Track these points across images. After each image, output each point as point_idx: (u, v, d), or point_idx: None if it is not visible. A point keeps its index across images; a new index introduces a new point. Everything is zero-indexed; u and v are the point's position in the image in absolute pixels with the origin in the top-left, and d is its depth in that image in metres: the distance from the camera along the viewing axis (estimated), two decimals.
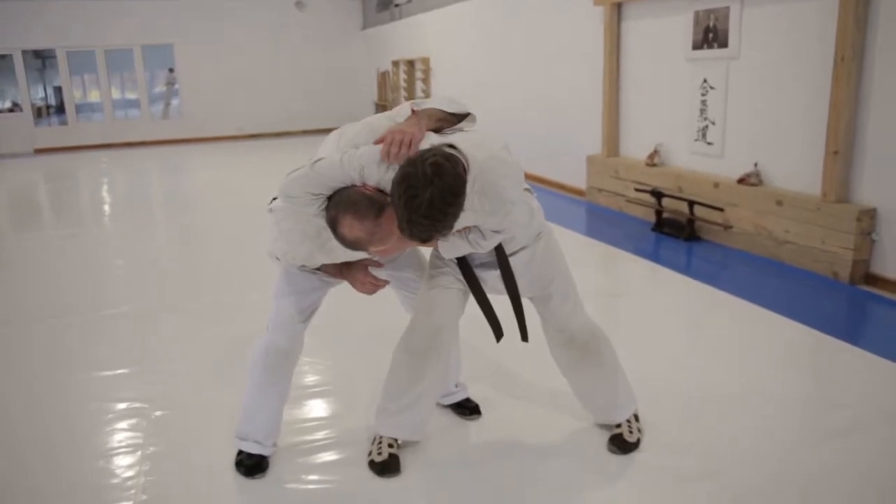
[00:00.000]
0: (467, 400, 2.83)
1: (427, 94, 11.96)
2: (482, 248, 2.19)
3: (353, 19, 15.90)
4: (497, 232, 2.15)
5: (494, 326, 2.40)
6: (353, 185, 2.02)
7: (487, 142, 2.12)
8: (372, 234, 1.99)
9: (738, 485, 2.31)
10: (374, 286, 2.35)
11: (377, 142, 2.06)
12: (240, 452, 2.51)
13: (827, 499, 2.24)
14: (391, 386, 2.44)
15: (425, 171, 1.83)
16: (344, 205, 1.99)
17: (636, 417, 2.59)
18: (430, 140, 2.05)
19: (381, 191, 1.99)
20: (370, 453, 2.47)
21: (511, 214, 2.11)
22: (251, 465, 2.47)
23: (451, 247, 2.20)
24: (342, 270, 2.36)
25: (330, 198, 2.04)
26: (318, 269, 2.40)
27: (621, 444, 2.52)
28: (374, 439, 2.50)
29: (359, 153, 2.02)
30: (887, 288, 4.19)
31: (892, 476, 2.36)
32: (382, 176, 1.99)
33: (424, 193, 1.81)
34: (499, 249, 2.28)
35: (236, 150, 13.38)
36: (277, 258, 2.37)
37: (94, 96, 15.73)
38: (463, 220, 2.01)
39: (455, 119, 2.24)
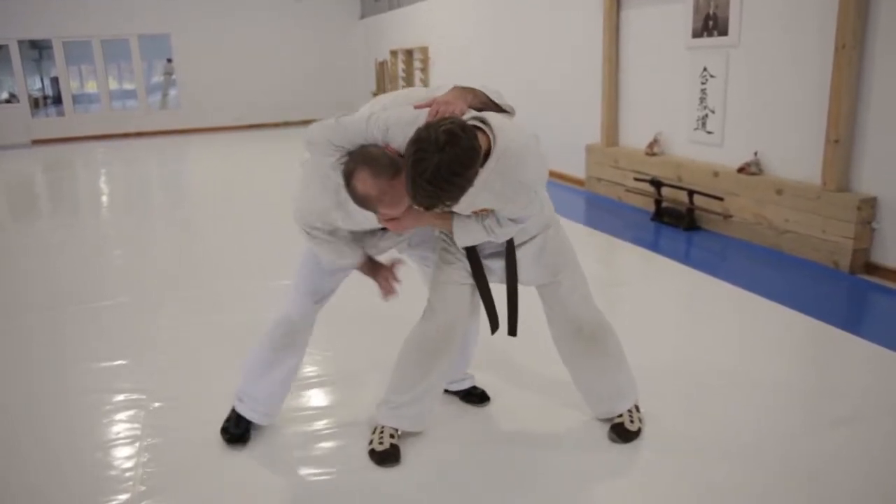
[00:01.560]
0: (474, 388, 2.83)
1: (425, 84, 11.91)
2: (497, 236, 2.17)
3: (351, 8, 15.83)
4: (514, 221, 2.13)
5: (492, 318, 2.39)
6: (376, 144, 2.02)
7: (518, 129, 2.09)
8: (383, 192, 1.99)
9: (739, 474, 2.31)
10: (390, 288, 2.39)
11: (417, 107, 2.06)
12: (231, 415, 2.58)
13: (829, 488, 2.24)
14: (398, 379, 2.44)
15: (438, 137, 1.80)
16: (362, 159, 2.00)
17: (637, 408, 2.58)
18: (470, 114, 2.04)
19: (402, 155, 1.98)
20: (371, 442, 2.46)
21: (532, 204, 2.10)
22: (237, 435, 2.55)
23: (466, 231, 2.18)
24: (370, 268, 2.39)
25: (350, 153, 2.05)
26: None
27: (622, 432, 2.51)
28: (376, 429, 2.49)
29: (387, 114, 2.04)
30: (888, 277, 4.18)
31: (889, 465, 2.35)
32: (405, 139, 1.95)
33: (432, 158, 1.79)
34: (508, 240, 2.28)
35: (235, 140, 13.34)
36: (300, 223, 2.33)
37: (91, 87, 15.69)
38: (480, 201, 2.00)
39: (496, 108, 2.24)
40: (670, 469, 2.36)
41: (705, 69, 5.50)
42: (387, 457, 2.40)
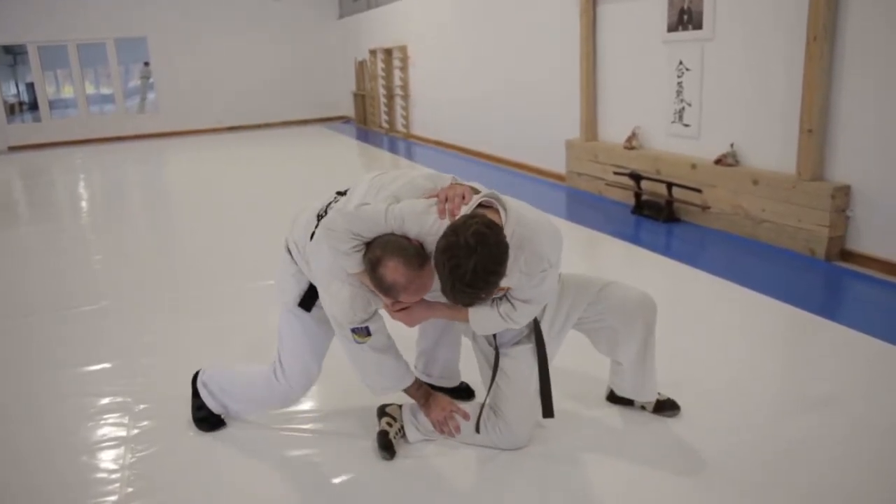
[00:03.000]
0: (462, 383, 2.86)
1: (405, 84, 11.93)
2: (514, 322, 2.19)
3: (329, 8, 15.80)
4: (527, 302, 2.14)
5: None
6: (398, 235, 2.09)
7: (529, 206, 2.17)
8: (411, 282, 2.06)
9: (716, 456, 2.35)
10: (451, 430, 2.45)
11: (427, 196, 2.15)
12: (202, 408, 2.69)
13: (805, 469, 2.29)
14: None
15: (468, 241, 1.85)
16: (392, 248, 2.05)
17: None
18: (480, 194, 2.11)
19: (419, 244, 2.09)
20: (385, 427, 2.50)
21: (545, 282, 2.11)
22: (215, 423, 2.69)
23: (482, 321, 2.21)
24: (428, 402, 2.46)
25: (369, 243, 2.11)
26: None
27: (672, 404, 2.61)
28: (395, 421, 2.50)
29: (400, 206, 2.10)
30: (862, 263, 4.25)
31: (868, 447, 2.41)
32: (420, 230, 2.07)
33: (468, 263, 1.85)
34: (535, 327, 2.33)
35: (214, 143, 13.27)
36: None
37: (67, 92, 15.54)
38: (505, 281, 2.03)
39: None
40: (648, 452, 2.40)
41: (681, 63, 5.56)
42: (389, 446, 2.43)
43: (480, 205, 2.09)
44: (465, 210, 2.05)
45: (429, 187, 2.24)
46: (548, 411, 2.42)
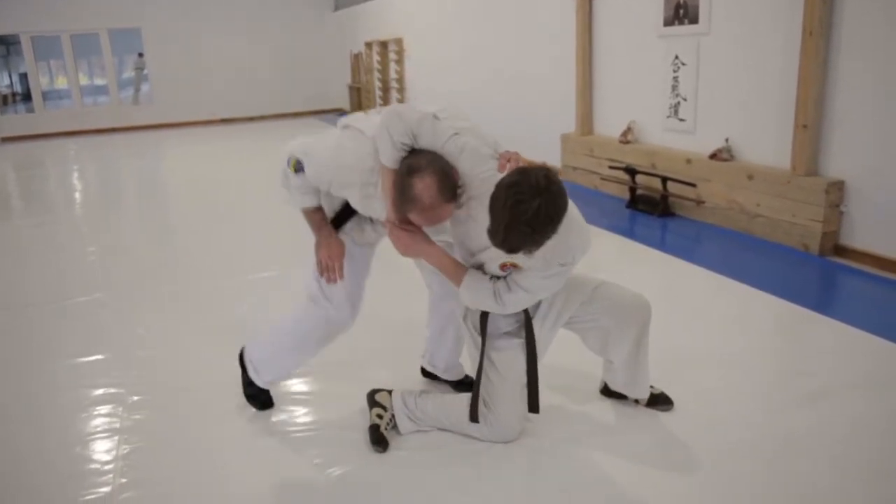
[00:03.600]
0: (466, 377, 2.85)
1: (400, 76, 11.89)
2: (503, 304, 2.17)
3: (324, 0, 15.72)
4: (525, 290, 2.13)
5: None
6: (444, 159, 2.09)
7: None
8: (432, 206, 2.05)
9: (712, 449, 2.36)
10: (331, 276, 2.42)
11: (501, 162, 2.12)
12: (252, 385, 2.70)
13: (796, 462, 2.30)
14: (438, 414, 2.47)
15: (538, 181, 1.85)
16: (438, 167, 2.05)
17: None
18: None
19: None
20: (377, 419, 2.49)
21: (554, 277, 2.11)
22: (265, 401, 2.74)
23: (472, 291, 2.19)
24: (321, 239, 2.42)
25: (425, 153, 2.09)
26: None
27: (665, 398, 2.62)
28: (385, 413, 2.49)
29: (466, 140, 2.10)
30: (856, 259, 4.27)
31: (862, 442, 2.42)
32: (472, 170, 2.08)
33: (533, 201, 1.82)
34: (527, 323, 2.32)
35: (209, 135, 13.23)
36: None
37: (61, 83, 15.47)
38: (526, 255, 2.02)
39: None
40: (643, 446, 2.41)
41: (677, 57, 5.56)
42: (381, 440, 2.42)
43: None
44: None
45: (491, 153, 2.22)
46: (533, 407, 2.40)
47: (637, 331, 2.43)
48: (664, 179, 5.49)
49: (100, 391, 2.99)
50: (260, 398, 2.74)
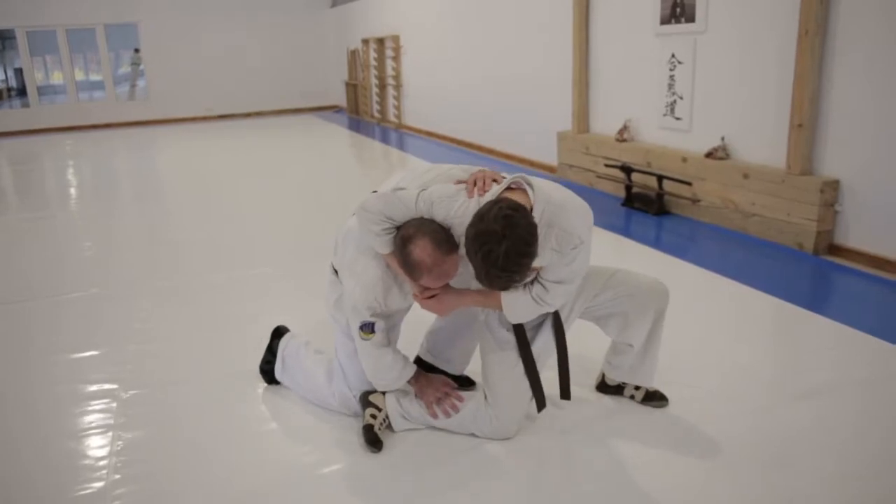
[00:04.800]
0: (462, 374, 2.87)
1: (397, 73, 11.88)
2: (548, 305, 2.20)
3: None
4: (559, 283, 2.15)
5: (539, 397, 2.43)
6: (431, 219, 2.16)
7: (556, 185, 2.20)
8: (436, 264, 2.12)
9: (705, 446, 2.37)
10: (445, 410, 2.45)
11: (457, 182, 2.22)
12: (270, 365, 2.87)
13: (790, 460, 2.31)
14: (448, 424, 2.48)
15: (496, 227, 1.88)
16: (425, 229, 2.13)
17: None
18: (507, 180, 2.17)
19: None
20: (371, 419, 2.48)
21: (577, 260, 2.11)
22: (273, 380, 2.89)
23: (517, 307, 2.21)
24: (420, 382, 2.47)
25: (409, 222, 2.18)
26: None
27: (659, 395, 2.63)
28: (379, 414, 2.48)
29: (430, 191, 2.18)
30: (850, 258, 4.28)
31: (856, 437, 2.43)
32: (447, 214, 2.14)
33: (499, 248, 1.88)
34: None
35: (205, 131, 13.20)
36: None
37: (56, 78, 15.41)
38: (538, 261, 2.05)
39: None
40: (634, 445, 2.42)
41: (673, 55, 5.57)
42: (376, 440, 2.42)
43: (509, 188, 2.12)
44: (495, 190, 2.10)
45: (462, 177, 2.30)
46: (565, 393, 2.48)
47: (654, 315, 2.46)
48: (660, 178, 5.50)
49: (94, 386, 2.98)
50: (271, 376, 2.88)
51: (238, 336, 3.45)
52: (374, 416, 2.47)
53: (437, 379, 2.52)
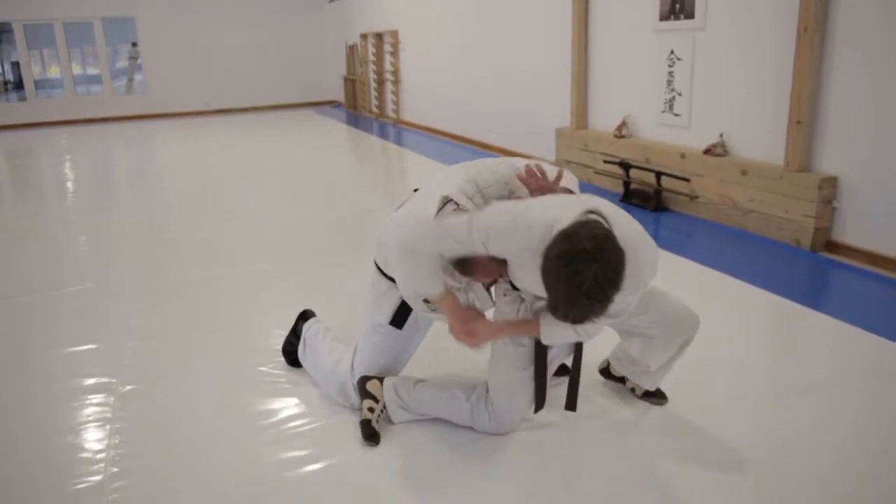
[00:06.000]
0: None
1: (395, 69, 11.86)
2: (588, 335, 2.12)
3: None
4: (606, 317, 1.93)
5: (541, 398, 2.38)
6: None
7: (626, 216, 2.00)
8: (492, 259, 2.06)
9: (703, 442, 2.38)
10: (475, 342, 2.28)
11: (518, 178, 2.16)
12: (293, 346, 2.93)
13: (787, 456, 2.31)
14: (429, 404, 2.45)
15: (586, 248, 1.69)
16: None
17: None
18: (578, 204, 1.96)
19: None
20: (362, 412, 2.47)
21: (631, 300, 2.00)
22: (295, 361, 2.95)
23: (555, 333, 2.15)
24: (459, 310, 2.27)
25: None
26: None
27: (659, 393, 2.62)
28: (375, 407, 2.46)
29: (485, 222, 1.99)
30: (848, 255, 4.29)
31: (854, 433, 2.44)
32: (504, 251, 2.00)
33: (588, 270, 1.67)
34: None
35: (203, 125, 13.17)
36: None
37: (53, 72, 15.34)
38: None
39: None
40: (637, 442, 2.42)
41: (672, 52, 5.56)
42: (373, 435, 2.42)
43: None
44: (569, 200, 1.99)
45: (508, 172, 2.24)
46: (571, 404, 2.40)
47: (680, 345, 2.43)
48: (658, 174, 5.50)
49: (91, 381, 2.98)
50: (293, 357, 2.95)
51: (235, 331, 3.45)
52: (371, 410, 2.45)
53: (469, 310, 2.30)
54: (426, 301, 2.25)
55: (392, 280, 2.42)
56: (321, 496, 2.20)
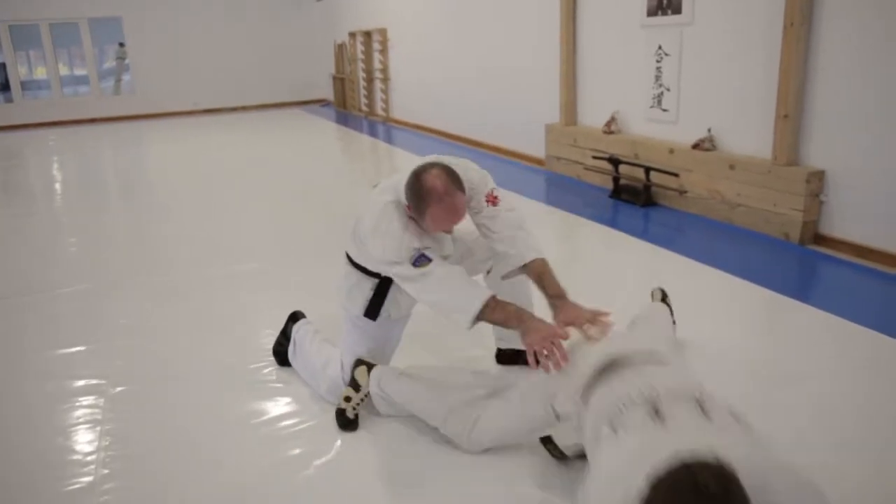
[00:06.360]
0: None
1: (384, 67, 11.84)
2: None
3: None
4: None
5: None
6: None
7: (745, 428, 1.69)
8: (448, 193, 2.11)
9: None
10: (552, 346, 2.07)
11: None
12: (283, 347, 2.95)
13: (777, 446, 2.33)
14: (416, 401, 2.42)
15: (711, 488, 1.30)
16: (441, 164, 2.20)
17: None
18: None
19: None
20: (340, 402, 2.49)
21: None
22: (284, 361, 2.96)
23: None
24: (523, 324, 2.15)
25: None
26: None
27: None
28: (353, 397, 2.48)
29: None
30: (835, 247, 4.32)
31: (841, 424, 2.46)
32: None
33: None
34: None
35: (192, 125, 13.11)
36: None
37: (40, 73, 15.23)
38: None
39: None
40: None
41: (660, 47, 5.58)
42: (348, 423, 2.47)
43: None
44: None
45: (475, 178, 2.37)
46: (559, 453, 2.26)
47: None
48: (647, 169, 5.52)
49: (81, 382, 2.97)
50: (283, 357, 2.97)
51: (227, 332, 3.44)
52: (347, 399, 2.47)
53: (539, 322, 2.16)
54: (415, 265, 2.19)
55: (363, 271, 2.49)
56: (313, 494, 2.20)
